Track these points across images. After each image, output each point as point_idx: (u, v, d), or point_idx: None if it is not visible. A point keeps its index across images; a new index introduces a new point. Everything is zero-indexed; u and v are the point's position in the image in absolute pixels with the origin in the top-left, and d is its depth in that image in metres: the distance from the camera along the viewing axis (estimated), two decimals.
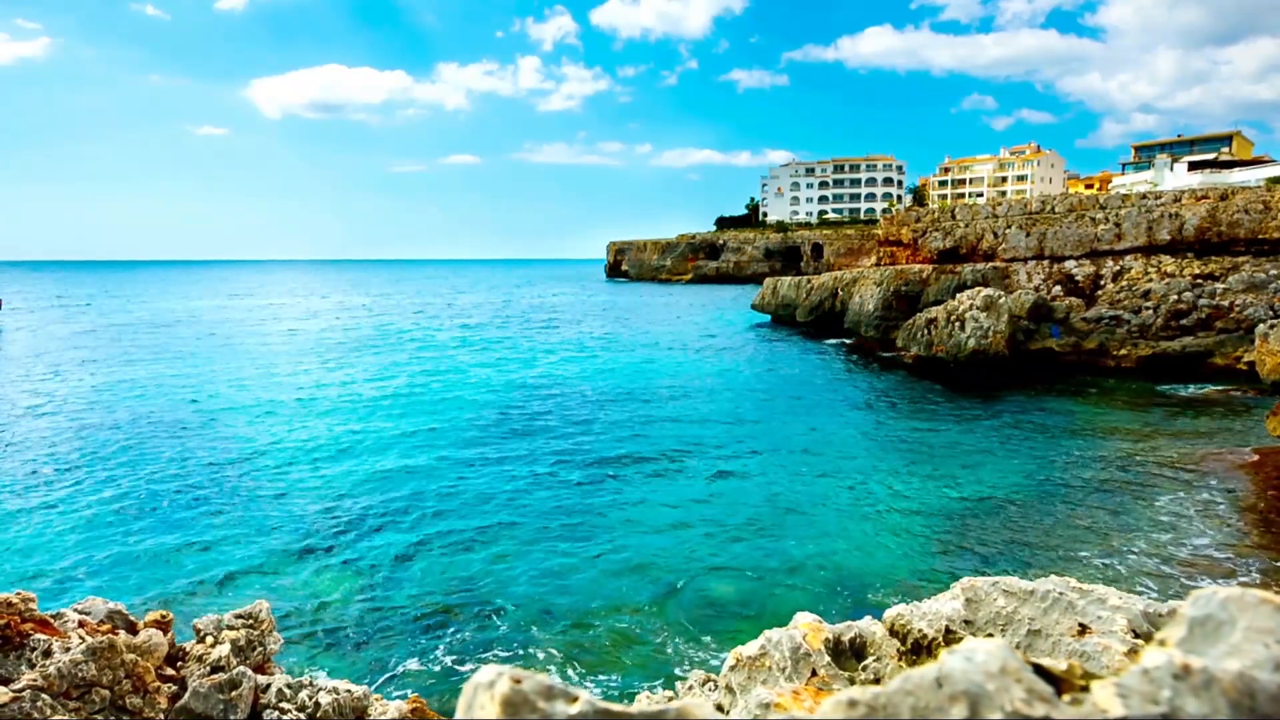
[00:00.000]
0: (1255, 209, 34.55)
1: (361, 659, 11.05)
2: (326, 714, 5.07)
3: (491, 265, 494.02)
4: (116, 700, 3.93)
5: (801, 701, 1.33)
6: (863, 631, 2.51)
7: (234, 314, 77.24)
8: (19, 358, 42.70)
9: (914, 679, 0.59)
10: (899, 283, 42.16)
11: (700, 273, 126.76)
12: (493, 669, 0.58)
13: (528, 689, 0.55)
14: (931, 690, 0.58)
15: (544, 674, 0.59)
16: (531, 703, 0.55)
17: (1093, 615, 2.21)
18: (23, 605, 4.16)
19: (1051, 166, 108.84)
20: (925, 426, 25.25)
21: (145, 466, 20.58)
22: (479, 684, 0.57)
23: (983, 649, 0.61)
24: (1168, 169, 60.55)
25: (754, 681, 2.32)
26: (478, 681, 0.57)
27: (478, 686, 0.57)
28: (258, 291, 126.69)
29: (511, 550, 15.04)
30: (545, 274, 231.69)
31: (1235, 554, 14.17)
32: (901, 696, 0.58)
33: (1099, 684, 0.62)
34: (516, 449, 22.69)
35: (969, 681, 0.57)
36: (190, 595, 12.96)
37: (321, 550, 14.91)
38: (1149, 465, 20.11)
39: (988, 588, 2.44)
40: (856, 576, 13.75)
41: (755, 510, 17.29)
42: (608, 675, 10.63)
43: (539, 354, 44.99)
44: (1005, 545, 15.04)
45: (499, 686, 0.55)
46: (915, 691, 0.58)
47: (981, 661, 0.58)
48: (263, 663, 5.67)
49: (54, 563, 14.33)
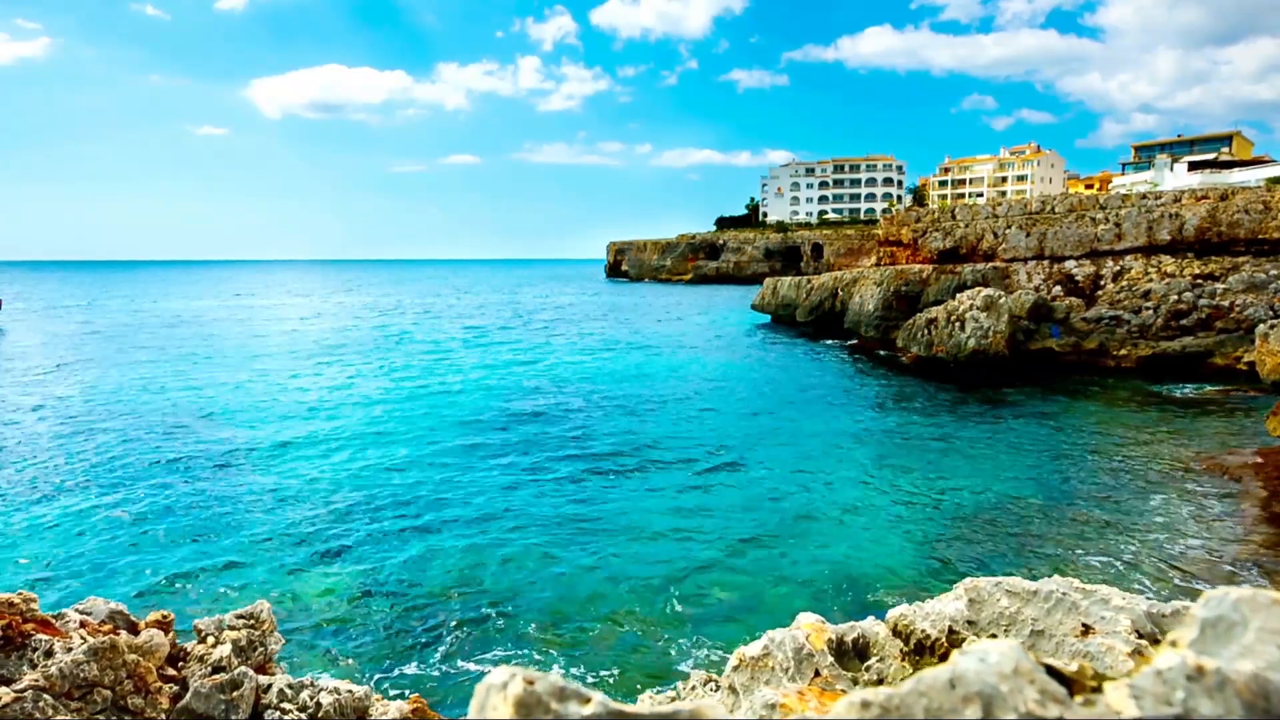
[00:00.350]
0: (1255, 209, 34.55)
1: (360, 660, 11.05)
2: (328, 714, 5.06)
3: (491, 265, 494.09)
4: (118, 701, 3.92)
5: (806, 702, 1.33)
6: (865, 632, 2.51)
7: (235, 314, 77.26)
8: (20, 358, 42.70)
9: (927, 680, 0.59)
10: (899, 283, 42.16)
11: (700, 273, 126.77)
12: (505, 670, 0.58)
13: (541, 690, 0.55)
14: (945, 691, 0.58)
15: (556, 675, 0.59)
16: (545, 703, 0.55)
17: (1096, 616, 2.21)
18: (24, 605, 4.16)
19: (1051, 166, 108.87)
20: (925, 426, 25.24)
21: (146, 467, 20.58)
22: (491, 685, 0.57)
23: (995, 650, 0.60)
24: (1168, 169, 60.56)
25: (757, 682, 2.32)
26: (490, 682, 0.57)
27: (490, 687, 0.56)
28: (260, 292, 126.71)
29: (512, 551, 15.04)
30: (545, 274, 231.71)
31: (1236, 555, 14.17)
32: (915, 697, 0.58)
33: (1111, 685, 0.62)
34: (518, 449, 22.70)
35: (982, 682, 0.57)
36: (190, 596, 12.96)
37: (320, 551, 14.91)
38: (1149, 465, 20.11)
39: (991, 588, 2.44)
40: (856, 576, 13.75)
41: (755, 510, 17.29)
42: (608, 675, 10.62)
43: (539, 354, 45.00)
44: (1004, 545, 15.04)
45: (512, 687, 0.55)
46: (929, 692, 0.58)
47: (995, 662, 0.58)
48: (264, 663, 5.66)
49: (53, 563, 14.33)
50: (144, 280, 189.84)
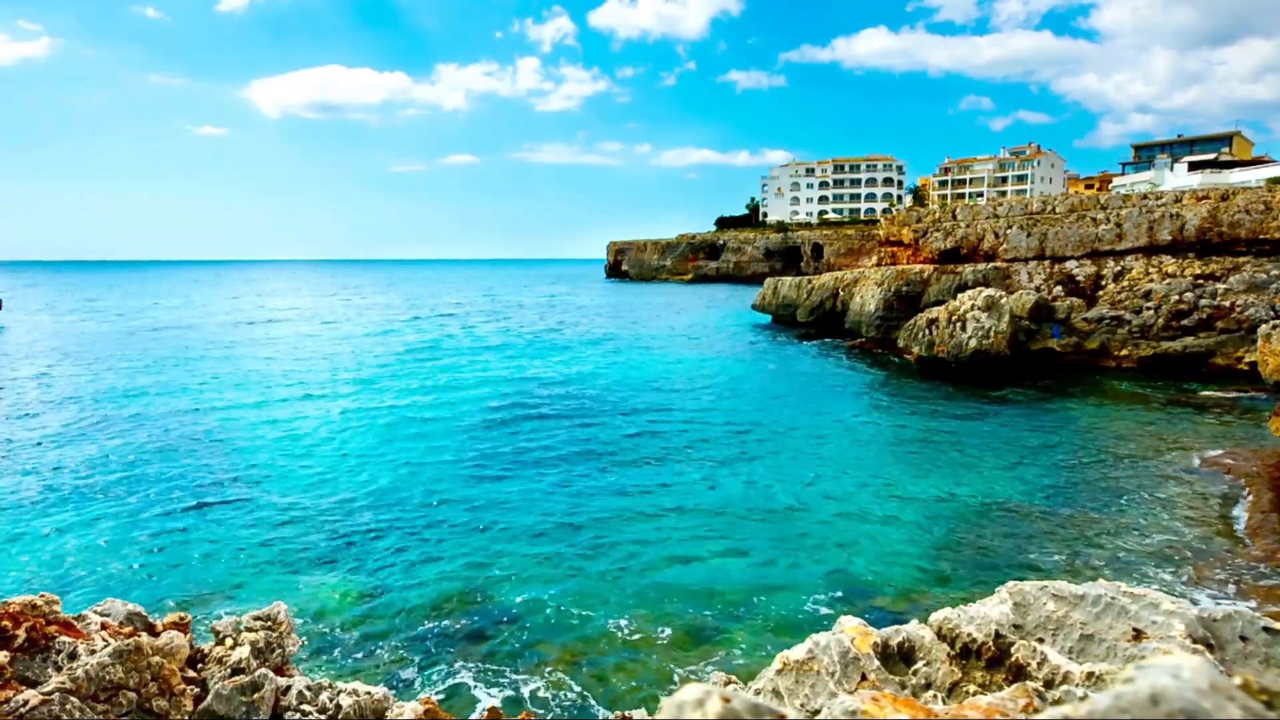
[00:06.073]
0: (1256, 209, 34.59)
1: (370, 663, 11.03)
2: (348, 715, 5.05)
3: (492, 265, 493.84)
4: (143, 703, 3.90)
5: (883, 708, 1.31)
6: (910, 635, 2.49)
7: (236, 315, 77.13)
8: (21, 359, 42.59)
9: (1127, 696, 0.58)
10: (900, 283, 42.17)
11: (700, 273, 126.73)
12: (700, 687, 0.56)
13: (738, 707, 0.54)
14: (1147, 708, 0.56)
15: (749, 693, 0.57)
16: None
17: (1147, 620, 2.20)
18: (47, 608, 4.14)
19: (1052, 166, 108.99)
20: (927, 427, 25.24)
21: (155, 469, 20.54)
22: (684, 701, 0.55)
23: (1188, 665, 0.59)
24: (1168, 169, 60.63)
25: (802, 685, 2.30)
26: (683, 699, 0.55)
27: (683, 704, 0.55)
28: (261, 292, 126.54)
29: (518, 556, 15.03)
30: (545, 274, 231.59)
31: (1237, 555, 14.18)
32: (1116, 714, 0.57)
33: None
34: (521, 452, 22.68)
35: (1184, 699, 0.56)
36: (202, 597, 12.93)
37: (330, 555, 14.89)
38: (1150, 466, 20.12)
39: (1036, 592, 2.42)
40: (861, 577, 13.74)
41: (756, 511, 17.28)
42: (614, 681, 10.61)
43: (540, 356, 44.97)
44: (1008, 545, 15.03)
45: (710, 705, 0.53)
46: (1130, 709, 0.57)
47: (1190, 678, 0.57)
48: (281, 665, 5.64)
49: (67, 565, 14.29)
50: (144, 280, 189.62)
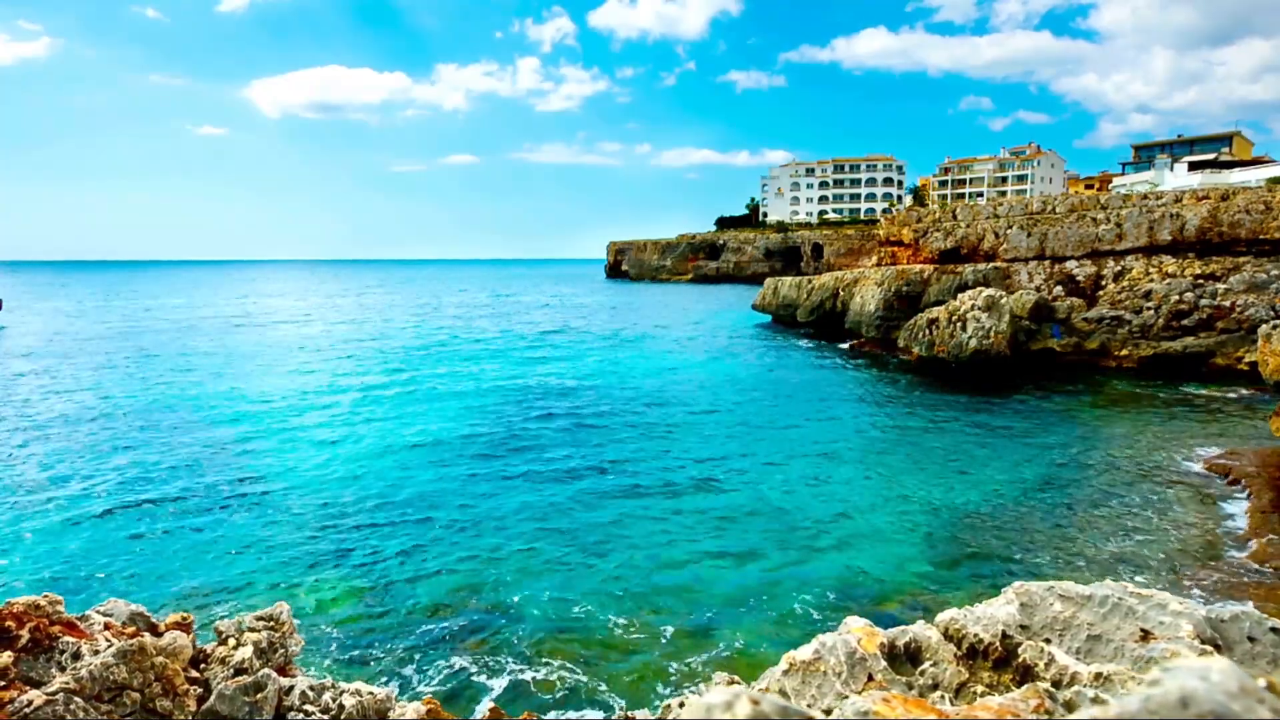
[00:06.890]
0: (1256, 209, 34.60)
1: (371, 664, 11.03)
2: (351, 715, 5.04)
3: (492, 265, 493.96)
4: (147, 703, 3.90)
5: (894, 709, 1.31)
6: (917, 636, 2.49)
7: (237, 315, 77.15)
8: (23, 359, 42.59)
9: (1156, 698, 0.58)
10: (900, 283, 42.17)
11: (700, 273, 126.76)
12: (727, 690, 0.56)
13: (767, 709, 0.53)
14: (1177, 709, 0.56)
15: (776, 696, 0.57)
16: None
17: (1154, 621, 2.20)
18: (50, 608, 4.13)
19: (1052, 166, 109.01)
20: (927, 427, 25.25)
21: (156, 470, 20.53)
22: (713, 703, 0.55)
23: (1216, 667, 0.59)
24: (1168, 169, 60.64)
25: (809, 686, 2.30)
26: (711, 701, 0.55)
27: (711, 706, 0.55)
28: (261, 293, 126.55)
29: (518, 554, 15.02)
30: (545, 274, 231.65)
31: (1238, 556, 14.18)
32: (1146, 715, 0.57)
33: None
34: (522, 454, 22.68)
35: (1214, 701, 0.56)
36: (204, 598, 12.93)
37: (331, 554, 14.88)
38: (1151, 466, 20.13)
39: (1043, 592, 2.42)
40: (862, 576, 13.74)
41: (757, 511, 17.28)
42: (615, 680, 10.61)
43: (541, 356, 44.98)
44: (1009, 544, 15.04)
45: (739, 707, 0.53)
46: (1159, 710, 0.57)
47: (1220, 681, 0.57)
48: (284, 665, 5.63)
49: (69, 565, 14.28)
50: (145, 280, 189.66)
